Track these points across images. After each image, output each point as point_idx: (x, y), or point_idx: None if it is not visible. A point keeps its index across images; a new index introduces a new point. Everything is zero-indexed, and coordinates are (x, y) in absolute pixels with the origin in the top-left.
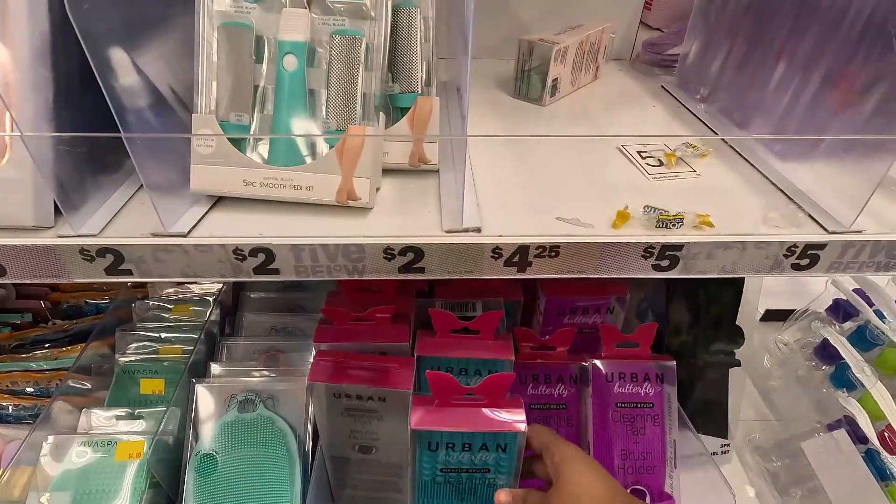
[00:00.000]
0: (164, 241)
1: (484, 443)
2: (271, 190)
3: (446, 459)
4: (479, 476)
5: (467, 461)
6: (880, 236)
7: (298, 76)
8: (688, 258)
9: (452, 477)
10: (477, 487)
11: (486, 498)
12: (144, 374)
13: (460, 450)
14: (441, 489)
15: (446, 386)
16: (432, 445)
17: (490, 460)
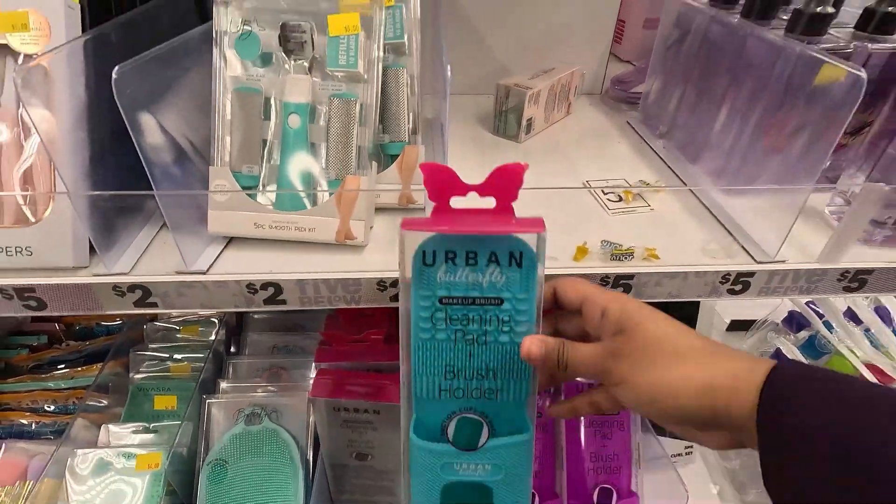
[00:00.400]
0: (186, 278)
1: (493, 252)
2: (278, 231)
3: (447, 282)
4: (492, 314)
5: (474, 287)
6: (800, 265)
7: (301, 132)
8: (639, 286)
9: (456, 313)
10: (489, 336)
11: (502, 349)
12: (157, 391)
13: (464, 264)
14: (443, 341)
15: (445, 182)
16: (428, 257)
17: (503, 285)
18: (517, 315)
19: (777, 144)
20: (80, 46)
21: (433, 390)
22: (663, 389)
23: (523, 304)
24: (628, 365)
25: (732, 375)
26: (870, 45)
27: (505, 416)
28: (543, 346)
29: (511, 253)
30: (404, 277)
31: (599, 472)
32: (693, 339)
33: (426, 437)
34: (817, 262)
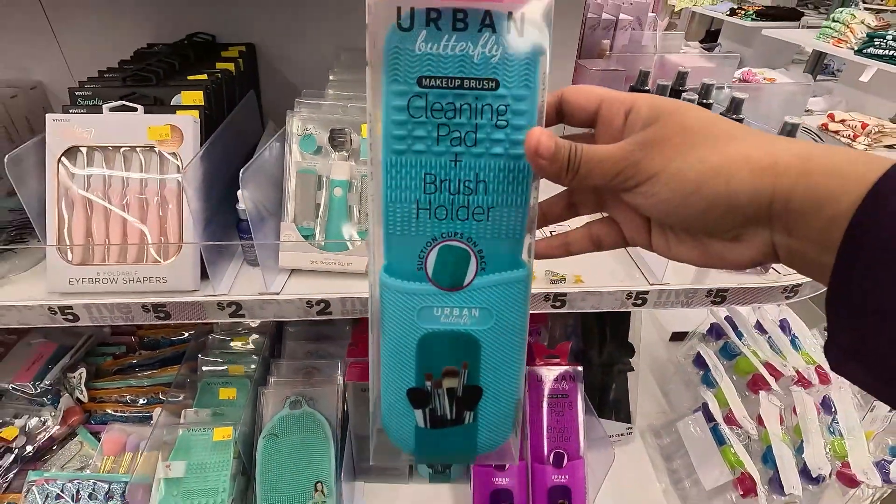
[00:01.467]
0: (266, 297)
1: (488, 13)
2: (326, 265)
3: (428, 55)
4: (484, 101)
5: (462, 61)
6: (678, 286)
7: (343, 199)
8: (571, 301)
9: (439, 99)
10: (480, 134)
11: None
12: (221, 385)
13: (450, 28)
14: (421, 139)
15: None
16: (404, 19)
17: (499, 61)
18: (516, 105)
19: None
20: (203, 150)
21: (409, 214)
22: (713, 169)
23: (524, 93)
24: (667, 151)
25: (804, 156)
26: None
27: (497, 248)
28: (553, 140)
29: (511, 13)
30: (374, 57)
31: (554, 440)
32: (747, 127)
33: (401, 275)
34: (690, 283)
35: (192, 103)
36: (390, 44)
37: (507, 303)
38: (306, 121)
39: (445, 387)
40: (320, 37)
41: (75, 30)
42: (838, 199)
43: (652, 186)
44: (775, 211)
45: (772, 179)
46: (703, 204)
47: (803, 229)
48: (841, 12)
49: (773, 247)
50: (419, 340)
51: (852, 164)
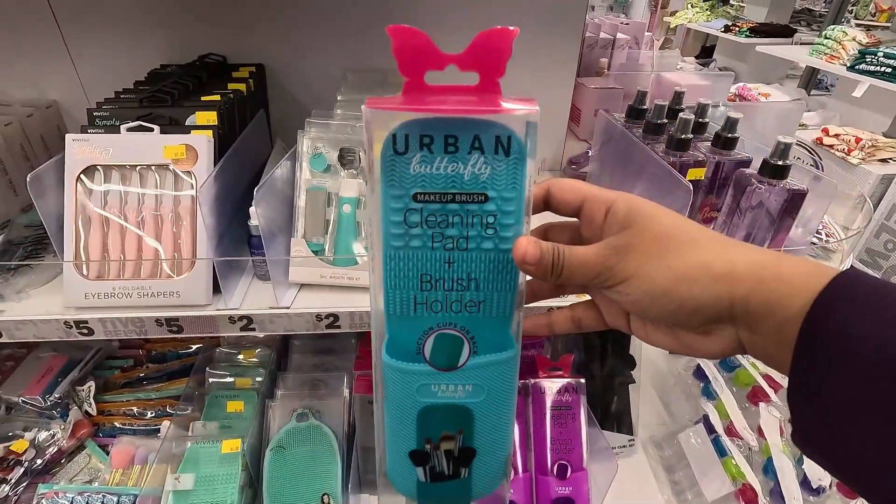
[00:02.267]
0: (276, 311)
1: (476, 136)
2: (335, 280)
3: (422, 174)
4: (475, 211)
5: (454, 179)
6: None
7: (351, 216)
8: None
9: (433, 211)
10: (471, 239)
11: (486, 262)
12: (229, 398)
13: (442, 151)
14: (418, 245)
15: (418, 49)
16: (399, 143)
17: (487, 177)
18: (503, 216)
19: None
20: (217, 169)
21: (408, 305)
22: (678, 277)
23: (511, 203)
24: (638, 257)
25: (758, 265)
26: (717, 158)
27: (488, 333)
28: (538, 247)
29: (497, 138)
30: (371, 170)
31: (558, 452)
32: (711, 231)
33: (401, 356)
34: None
35: (206, 123)
36: (386, 159)
37: (497, 379)
38: (316, 140)
39: (443, 449)
40: (327, 57)
41: (90, 51)
42: (788, 305)
43: (626, 287)
44: (737, 312)
45: (730, 286)
46: (673, 306)
47: (762, 329)
48: (833, 29)
49: (738, 341)
50: (419, 412)
51: (801, 274)
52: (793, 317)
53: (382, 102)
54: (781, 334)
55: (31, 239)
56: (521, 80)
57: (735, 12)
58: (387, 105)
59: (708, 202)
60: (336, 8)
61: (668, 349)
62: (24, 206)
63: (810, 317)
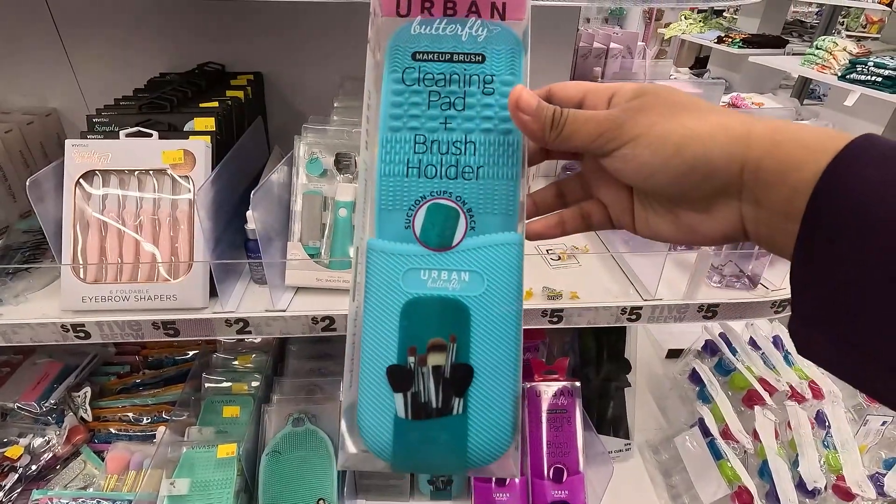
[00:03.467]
0: (272, 314)
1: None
2: (331, 283)
3: (422, 34)
4: (472, 71)
5: (452, 39)
6: (670, 302)
7: (347, 220)
8: (567, 316)
9: (431, 71)
10: (468, 100)
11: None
12: (225, 403)
13: (441, 12)
14: (415, 104)
15: None
16: (402, 6)
17: (484, 40)
18: (501, 76)
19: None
20: (214, 174)
21: (400, 167)
22: (693, 134)
23: (507, 65)
24: (651, 116)
25: (776, 129)
26: None
27: (487, 209)
28: (535, 98)
29: (493, 4)
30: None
31: (554, 455)
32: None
33: (388, 235)
34: (682, 299)
35: (205, 129)
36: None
37: (498, 267)
38: (312, 145)
39: (431, 364)
40: (324, 66)
41: (90, 59)
42: (802, 167)
43: (633, 149)
44: (745, 180)
45: (744, 147)
46: (683, 167)
47: (770, 198)
48: (824, 40)
49: (741, 220)
50: (403, 307)
51: (818, 137)
52: (806, 181)
53: None
54: (791, 204)
55: (29, 244)
56: None
57: (728, 23)
58: None
59: None
60: (333, 18)
61: (668, 237)
62: (22, 212)
63: (824, 178)
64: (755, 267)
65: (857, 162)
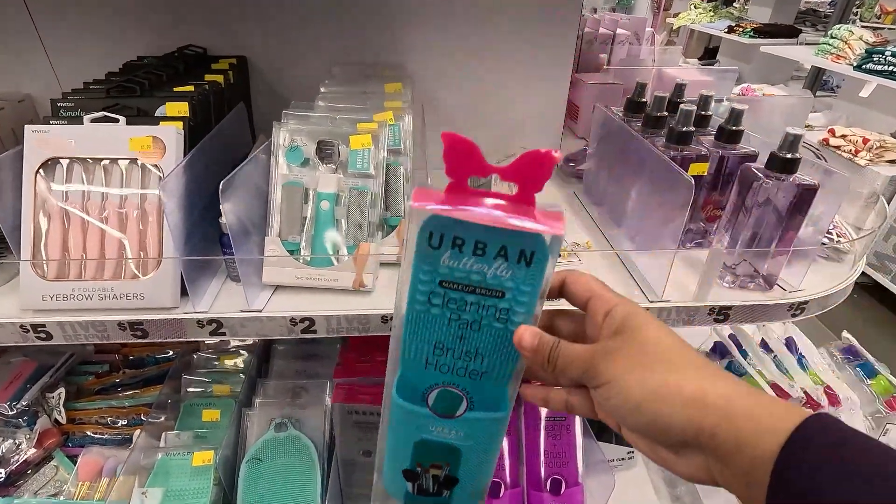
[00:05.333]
0: (248, 315)
1: (504, 247)
2: (312, 281)
3: (451, 266)
4: (490, 304)
5: (477, 275)
6: (679, 304)
7: (330, 213)
8: None
9: (454, 298)
10: (484, 320)
11: (494, 338)
12: (204, 406)
13: (470, 253)
14: (437, 319)
15: (465, 157)
16: (434, 239)
17: (507, 278)
18: (516, 307)
19: (665, 217)
20: (185, 161)
21: (420, 360)
22: (652, 393)
23: (524, 298)
24: (621, 364)
25: (728, 398)
26: (721, 152)
27: (485, 395)
28: (537, 338)
29: (522, 250)
30: (409, 250)
31: (552, 466)
32: (694, 355)
33: (408, 397)
34: (692, 300)
35: (177, 114)
36: (421, 248)
37: (485, 431)
38: (294, 132)
39: (431, 473)
40: (313, 51)
41: (65, 43)
42: (756, 445)
43: (608, 391)
44: (704, 442)
45: (700, 412)
46: (644, 419)
47: (733, 465)
48: (839, 29)
49: (710, 471)
50: (415, 443)
51: (770, 413)
52: (762, 458)
53: (427, 198)
54: (752, 474)
55: None
56: (514, 74)
57: (739, 13)
58: (430, 202)
59: (711, 199)
60: (323, 0)
61: (649, 458)
62: None
63: (779, 464)
64: (771, 266)
65: (808, 450)
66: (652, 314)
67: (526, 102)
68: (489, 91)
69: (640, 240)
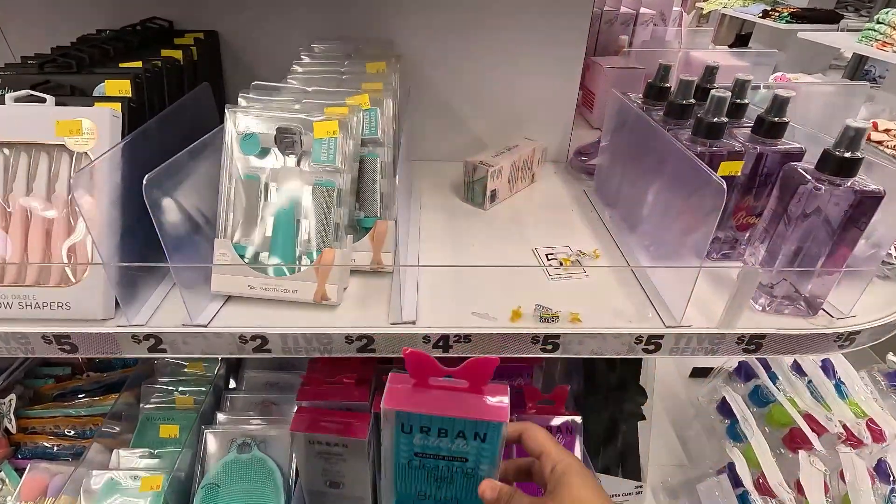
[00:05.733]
0: (190, 330)
1: (462, 430)
2: (267, 292)
3: (422, 444)
4: (458, 465)
5: (444, 448)
6: (701, 330)
7: (290, 213)
8: (565, 344)
9: (429, 462)
10: (455, 476)
11: (465, 487)
12: (163, 420)
13: (436, 435)
14: (418, 473)
15: (424, 366)
16: (406, 427)
17: (468, 450)
18: (479, 468)
19: (688, 225)
20: (119, 149)
21: (410, 500)
22: None
23: (484, 461)
24: None
25: None
26: (759, 148)
27: None
28: (496, 491)
29: (476, 432)
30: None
31: None
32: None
33: None
34: (717, 327)
35: (118, 94)
36: (397, 432)
37: None
38: (251, 117)
39: None
40: (292, 25)
41: (21, 15)
42: None
43: None
44: None
45: None
46: None
47: None
48: (886, 13)
49: None
50: None
51: None
52: None
53: (396, 402)
54: None
55: None
56: (519, 54)
57: None
58: (399, 405)
59: (745, 205)
60: None
61: None
62: None
63: None
64: (816, 287)
65: None
66: (586, 470)
67: (532, 87)
68: (489, 73)
69: (656, 250)
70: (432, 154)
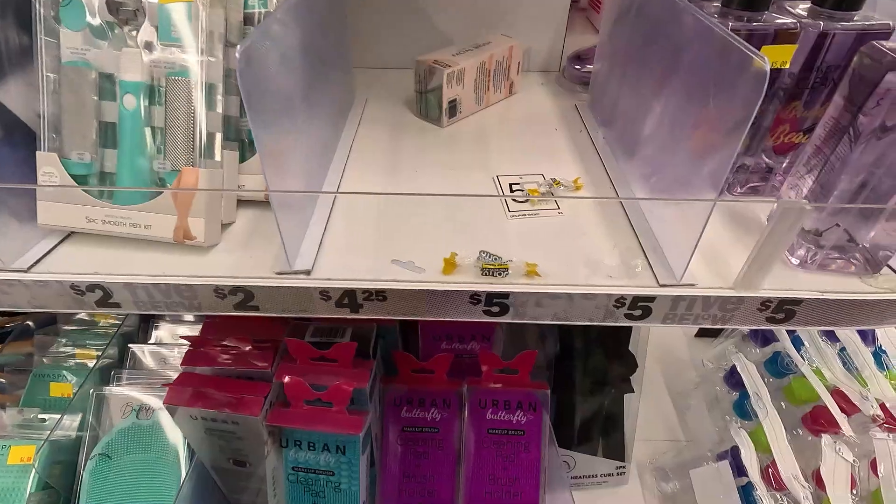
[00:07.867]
0: (5, 276)
1: (325, 443)
2: (112, 227)
3: (296, 458)
4: (325, 479)
5: (314, 462)
6: (711, 291)
7: (137, 115)
8: (517, 305)
9: (303, 477)
10: (326, 490)
11: (336, 500)
12: (55, 378)
13: (306, 449)
14: (297, 488)
15: (300, 391)
16: (283, 441)
17: (333, 463)
18: (343, 483)
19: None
20: None
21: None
22: None
23: (347, 477)
24: None
25: None
26: (823, 25)
27: None
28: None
29: (337, 444)
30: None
31: (497, 496)
32: None
33: None
34: (731, 287)
35: None
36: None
37: None
38: None
39: None
40: None
41: None
42: None
43: None
44: None
45: None
46: None
47: None
48: None
49: None
50: None
51: None
52: None
53: (274, 418)
54: None
55: None
56: None
57: None
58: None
59: (789, 115)
60: None
61: None
62: None
63: None
64: (881, 235)
65: None
66: None
67: None
68: None
69: (659, 181)
70: (387, 60)
